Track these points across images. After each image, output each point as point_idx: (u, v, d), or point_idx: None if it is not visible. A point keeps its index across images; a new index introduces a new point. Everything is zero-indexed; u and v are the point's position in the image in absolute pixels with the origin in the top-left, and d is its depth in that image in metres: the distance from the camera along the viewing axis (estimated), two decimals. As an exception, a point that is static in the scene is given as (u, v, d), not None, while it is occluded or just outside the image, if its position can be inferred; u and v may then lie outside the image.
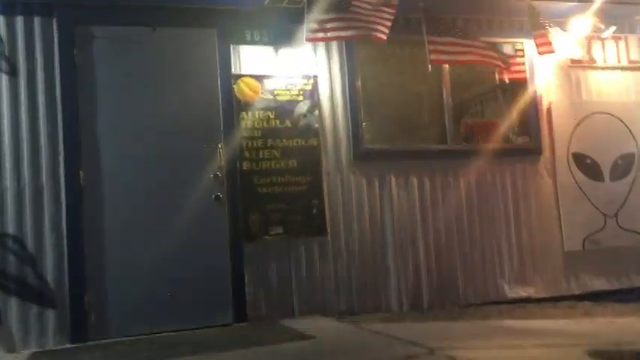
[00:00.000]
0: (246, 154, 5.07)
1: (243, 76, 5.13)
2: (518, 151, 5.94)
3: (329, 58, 5.43)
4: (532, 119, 6.00)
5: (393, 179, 5.47)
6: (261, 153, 5.12)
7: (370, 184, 5.40)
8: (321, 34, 4.96)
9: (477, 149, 5.77)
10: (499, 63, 5.60)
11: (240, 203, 4.98)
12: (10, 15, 4.60)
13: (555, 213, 5.94)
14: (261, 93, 5.16)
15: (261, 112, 5.15)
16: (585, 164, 6.09)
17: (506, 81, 5.90)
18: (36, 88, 4.61)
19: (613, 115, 6.24)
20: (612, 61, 6.31)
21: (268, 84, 5.19)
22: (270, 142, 5.15)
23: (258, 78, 5.17)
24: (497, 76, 5.90)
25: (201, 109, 4.98)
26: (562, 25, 5.74)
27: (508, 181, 5.83)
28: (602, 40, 6.17)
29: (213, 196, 4.90)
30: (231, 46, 5.13)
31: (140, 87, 4.86)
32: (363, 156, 5.38)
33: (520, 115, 6.04)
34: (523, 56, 6.04)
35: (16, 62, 4.58)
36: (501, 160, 5.81)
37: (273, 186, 5.12)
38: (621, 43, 6.36)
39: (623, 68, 6.36)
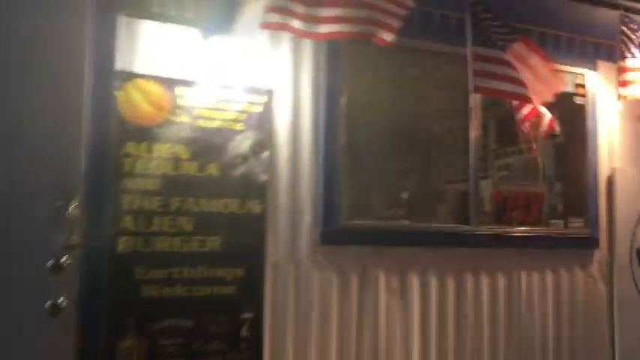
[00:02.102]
0: (128, 222, 2.71)
1: (139, 77, 2.78)
2: (565, 241, 3.84)
3: (296, 63, 3.16)
4: (589, 194, 3.94)
5: (382, 278, 3.26)
6: (156, 222, 2.77)
7: (345, 286, 3.16)
8: (286, 21, 2.75)
9: (511, 235, 3.65)
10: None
11: (104, 317, 2.61)
12: None
13: (607, 342, 3.91)
14: (170, 111, 2.82)
15: (166, 145, 2.81)
16: (653, 267, 4.11)
17: (556, 132, 3.84)
18: None
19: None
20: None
21: (184, 96, 2.86)
22: (175, 202, 2.81)
23: (167, 84, 2.83)
24: (543, 125, 3.81)
25: (46, 131, 2.55)
26: None
27: (549, 289, 3.74)
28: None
29: (48, 303, 2.48)
30: (121, 21, 2.76)
31: None
32: (337, 237, 3.14)
33: (572, 185, 4.00)
34: (584, 95, 4.00)
35: None
36: (541, 254, 3.73)
37: (174, 284, 2.78)
38: None
39: None
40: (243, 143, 2.96)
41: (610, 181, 4.00)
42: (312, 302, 3.06)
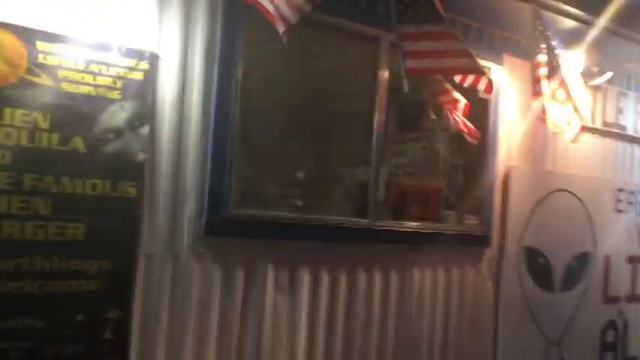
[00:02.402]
0: (-35, 203, 2.22)
1: (-12, 23, 2.26)
2: (460, 238, 3.74)
3: (187, 25, 2.75)
4: (485, 191, 3.88)
5: (271, 274, 2.97)
6: (3, 202, 2.29)
7: (229, 282, 2.84)
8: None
9: (408, 231, 3.49)
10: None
11: None
12: None
13: (490, 342, 3.91)
14: (27, 70, 2.33)
15: (19, 111, 2.32)
16: (537, 265, 4.16)
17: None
18: None
19: (576, 196, 4.40)
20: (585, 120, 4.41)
21: (47, 53, 2.37)
22: (29, 179, 2.33)
23: (25, 36, 2.32)
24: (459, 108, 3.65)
25: None
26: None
27: (440, 288, 3.65)
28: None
29: None
30: (-35, -51, 2.22)
31: None
32: (223, 228, 2.80)
33: (470, 181, 3.92)
34: (490, 91, 3.87)
35: None
36: (436, 251, 3.63)
37: (22, 278, 2.32)
38: (599, 97, 4.56)
39: (594, 131, 4.55)
40: (118, 115, 2.53)
41: (506, 179, 3.97)
42: (190, 300, 2.72)
